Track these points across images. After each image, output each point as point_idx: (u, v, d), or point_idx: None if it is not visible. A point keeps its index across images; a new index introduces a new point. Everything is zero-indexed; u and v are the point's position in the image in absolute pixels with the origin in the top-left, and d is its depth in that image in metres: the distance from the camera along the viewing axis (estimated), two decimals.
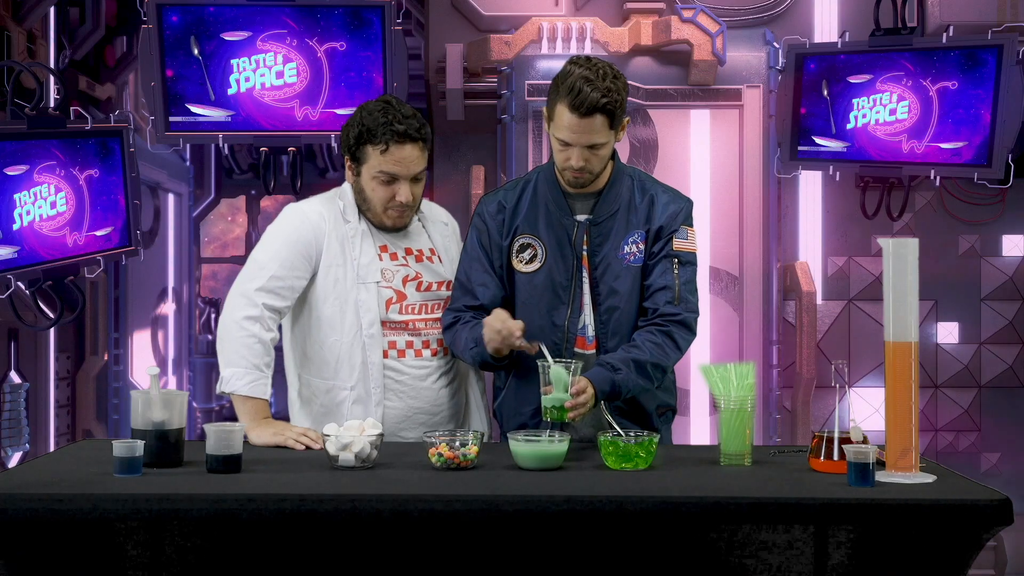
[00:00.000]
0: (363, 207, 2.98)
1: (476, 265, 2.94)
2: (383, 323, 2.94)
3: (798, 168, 5.26)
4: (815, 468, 2.50)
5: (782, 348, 5.32)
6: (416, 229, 3.06)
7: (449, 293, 3.03)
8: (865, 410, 5.13)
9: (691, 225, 2.92)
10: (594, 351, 2.88)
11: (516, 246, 2.93)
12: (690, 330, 2.87)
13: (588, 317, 2.89)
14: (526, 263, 2.92)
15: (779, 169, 5.27)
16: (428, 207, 3.12)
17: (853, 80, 5.08)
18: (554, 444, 2.51)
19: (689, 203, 2.95)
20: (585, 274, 2.89)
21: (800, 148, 5.17)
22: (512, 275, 2.94)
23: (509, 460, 2.53)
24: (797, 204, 5.53)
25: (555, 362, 2.68)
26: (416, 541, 2.22)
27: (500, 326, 2.76)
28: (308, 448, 2.74)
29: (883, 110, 5.05)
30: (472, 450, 2.50)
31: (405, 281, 2.97)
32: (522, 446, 2.51)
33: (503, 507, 2.20)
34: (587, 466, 2.54)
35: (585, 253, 2.89)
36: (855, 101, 5.09)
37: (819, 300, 5.45)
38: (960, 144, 4.95)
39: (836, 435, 2.48)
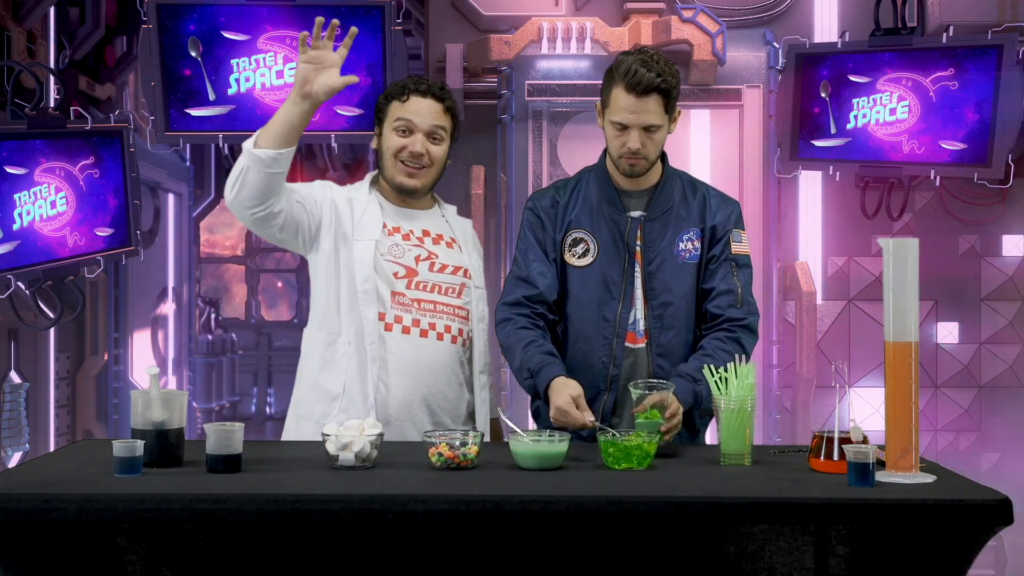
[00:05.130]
0: (382, 171, 3.05)
1: (532, 256, 2.97)
2: (393, 294, 2.96)
3: (798, 168, 5.26)
4: (815, 468, 2.50)
5: (782, 348, 5.32)
6: (436, 216, 3.12)
7: (467, 280, 3.06)
8: (865, 410, 5.13)
9: (743, 228, 3.00)
10: (643, 345, 2.93)
11: (568, 240, 2.96)
12: (755, 334, 2.94)
13: (639, 312, 2.93)
14: (578, 257, 2.96)
15: (779, 169, 5.28)
16: (452, 208, 3.20)
17: (853, 80, 5.08)
18: (554, 444, 2.51)
19: (738, 205, 3.03)
20: (637, 269, 2.93)
21: (800, 148, 5.18)
22: (564, 270, 2.97)
23: (509, 460, 2.53)
24: (797, 204, 5.53)
25: (646, 389, 2.71)
26: (416, 541, 2.22)
27: (571, 421, 2.75)
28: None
29: (883, 110, 5.05)
30: (472, 450, 2.50)
31: (417, 260, 3.00)
32: (522, 446, 2.51)
33: (503, 507, 2.20)
34: (587, 466, 2.54)
35: (638, 249, 2.93)
36: (855, 101, 5.09)
37: (819, 300, 5.45)
38: (960, 144, 4.95)
39: (836, 435, 2.48)
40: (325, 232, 2.98)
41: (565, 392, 2.75)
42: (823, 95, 5.12)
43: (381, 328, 2.94)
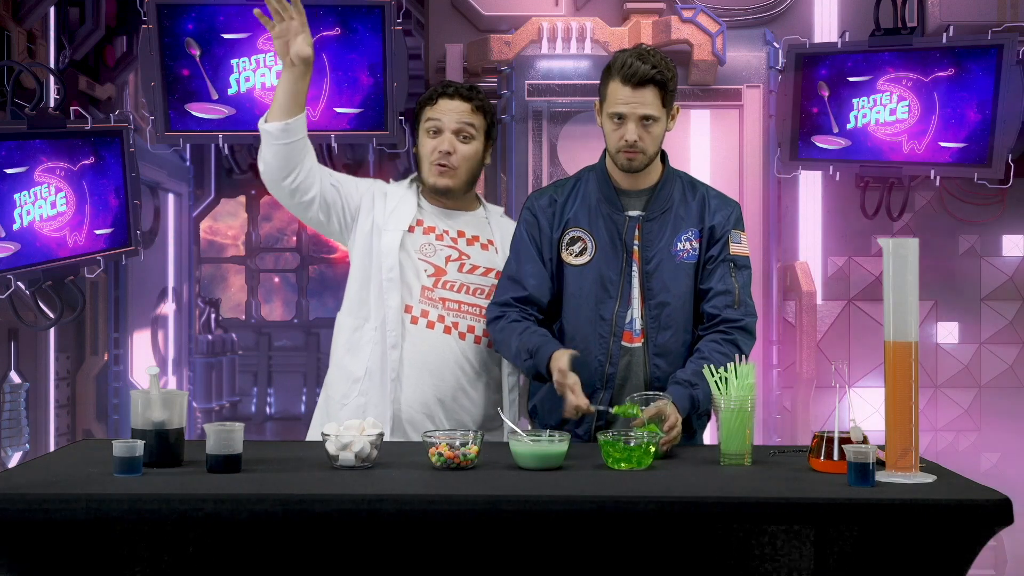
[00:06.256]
0: (420, 174, 3.13)
1: (525, 256, 2.98)
2: (423, 289, 3.02)
3: (798, 168, 5.26)
4: (815, 468, 2.50)
5: (782, 348, 5.32)
6: (477, 217, 3.17)
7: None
8: (865, 410, 5.12)
9: (743, 229, 3.00)
10: (640, 344, 2.93)
11: (566, 239, 2.98)
12: (752, 335, 2.93)
13: (636, 311, 2.94)
14: (576, 256, 2.96)
15: (779, 169, 5.27)
16: (498, 210, 3.25)
17: (853, 80, 5.08)
18: (554, 444, 2.51)
19: (738, 206, 3.03)
20: (635, 269, 2.94)
21: (800, 148, 5.18)
22: (561, 269, 2.98)
23: (509, 460, 2.53)
24: (797, 204, 5.53)
25: (642, 402, 2.71)
26: (416, 541, 2.22)
27: (575, 403, 2.76)
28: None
29: (883, 110, 5.05)
30: (472, 450, 2.50)
31: (447, 260, 3.05)
32: (522, 446, 2.51)
33: (503, 507, 2.20)
34: (587, 466, 2.54)
35: (636, 248, 2.94)
36: (855, 101, 5.09)
37: (819, 300, 5.45)
38: (960, 144, 4.95)
39: (836, 435, 2.48)
40: (363, 220, 3.07)
41: (565, 356, 2.77)
42: (823, 95, 5.12)
43: (407, 319, 3.01)
